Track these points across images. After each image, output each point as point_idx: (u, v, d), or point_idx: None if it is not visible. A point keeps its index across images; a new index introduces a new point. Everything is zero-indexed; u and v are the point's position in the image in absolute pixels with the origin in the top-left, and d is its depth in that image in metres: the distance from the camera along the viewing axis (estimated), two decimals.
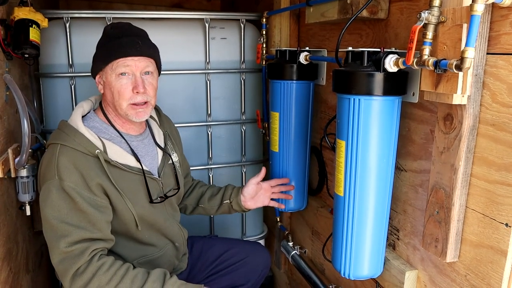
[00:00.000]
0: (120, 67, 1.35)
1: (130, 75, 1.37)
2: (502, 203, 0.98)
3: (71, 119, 1.39)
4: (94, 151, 1.33)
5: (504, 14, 0.94)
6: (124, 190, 1.38)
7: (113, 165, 1.37)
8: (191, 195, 1.80)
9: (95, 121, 1.43)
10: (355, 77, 1.17)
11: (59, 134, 1.36)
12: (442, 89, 1.01)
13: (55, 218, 1.27)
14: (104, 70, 1.38)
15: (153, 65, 1.43)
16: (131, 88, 1.37)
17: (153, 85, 1.42)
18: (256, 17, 2.09)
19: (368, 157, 1.21)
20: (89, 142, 1.34)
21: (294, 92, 1.72)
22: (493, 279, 1.02)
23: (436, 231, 1.13)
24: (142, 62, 1.38)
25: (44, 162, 1.34)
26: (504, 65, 0.94)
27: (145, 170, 1.45)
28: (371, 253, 1.30)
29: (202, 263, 1.76)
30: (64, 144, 1.32)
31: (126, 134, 1.46)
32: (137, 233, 1.44)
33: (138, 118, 1.41)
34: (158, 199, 1.49)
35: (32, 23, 1.53)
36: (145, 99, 1.39)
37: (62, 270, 1.28)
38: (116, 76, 1.36)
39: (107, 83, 1.39)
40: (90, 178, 1.31)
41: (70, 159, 1.30)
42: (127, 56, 1.35)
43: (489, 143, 1.00)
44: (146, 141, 1.53)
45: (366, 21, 1.45)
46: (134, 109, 1.39)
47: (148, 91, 1.39)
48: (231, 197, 1.73)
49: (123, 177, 1.39)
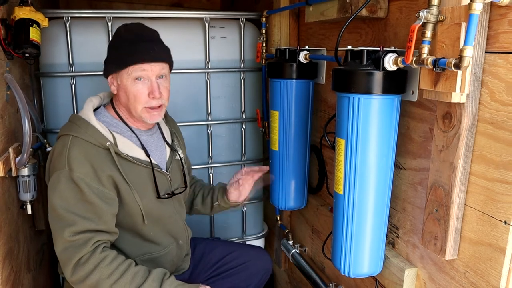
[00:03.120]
0: (137, 71, 1.36)
1: (146, 80, 1.38)
2: (500, 200, 0.98)
3: (83, 112, 1.41)
4: (105, 143, 1.35)
5: (502, 13, 0.94)
6: (133, 183, 1.39)
7: (123, 157, 1.39)
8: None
9: (106, 116, 1.45)
10: (354, 76, 1.18)
11: (71, 126, 1.38)
12: (441, 88, 1.01)
13: (62, 208, 1.29)
14: (119, 73, 1.39)
15: (167, 68, 1.45)
16: (147, 93, 1.38)
17: (167, 88, 1.45)
18: (256, 16, 2.09)
19: (368, 155, 1.22)
20: (100, 135, 1.36)
21: (294, 91, 1.73)
22: (492, 277, 1.02)
23: (435, 229, 1.13)
24: (157, 67, 1.39)
25: (55, 152, 1.36)
26: (503, 64, 0.95)
27: (154, 164, 1.47)
28: (371, 251, 1.31)
29: (204, 265, 1.76)
30: (76, 135, 1.34)
31: (136, 128, 1.48)
32: (142, 228, 1.45)
33: (152, 120, 1.44)
34: (165, 195, 1.50)
35: (33, 22, 1.54)
36: (160, 102, 1.41)
37: (65, 259, 1.29)
38: (132, 80, 1.37)
39: (122, 86, 1.40)
40: (101, 170, 1.32)
41: (81, 150, 1.32)
42: (143, 63, 1.36)
43: (487, 141, 1.01)
44: (155, 136, 1.55)
45: (365, 20, 1.46)
46: (149, 112, 1.41)
47: (163, 95, 1.42)
48: (218, 198, 1.74)
49: (132, 170, 1.41)
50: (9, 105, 1.54)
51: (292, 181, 1.84)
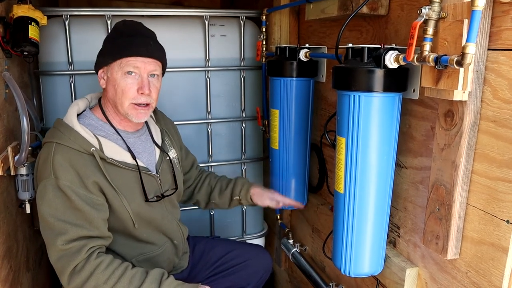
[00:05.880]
0: (129, 66, 1.35)
1: (137, 76, 1.37)
2: (503, 200, 0.97)
3: (66, 117, 1.38)
4: (90, 149, 1.33)
5: (505, 10, 0.93)
6: (120, 187, 1.37)
7: (109, 162, 1.37)
8: (201, 190, 1.80)
9: (91, 118, 1.43)
10: (355, 73, 1.17)
11: (55, 132, 1.36)
12: (443, 85, 1.00)
13: (51, 216, 1.27)
14: (110, 65, 1.37)
15: (160, 69, 1.43)
16: (136, 88, 1.36)
17: (157, 88, 1.43)
18: (256, 14, 2.08)
19: (369, 154, 1.21)
20: (84, 140, 1.34)
21: (294, 89, 1.72)
22: (494, 276, 1.02)
23: (437, 228, 1.12)
24: (151, 65, 1.38)
25: (40, 160, 1.34)
26: (506, 61, 0.94)
27: (143, 166, 1.45)
28: (372, 250, 1.30)
29: (203, 264, 1.75)
30: (59, 142, 1.32)
31: (122, 131, 1.46)
32: (134, 231, 1.44)
33: (138, 119, 1.41)
34: (154, 198, 1.49)
35: (31, 20, 1.53)
36: (148, 100, 1.39)
37: (60, 268, 1.28)
38: (122, 73, 1.35)
39: (112, 79, 1.38)
40: (86, 176, 1.31)
41: (65, 157, 1.30)
42: (138, 56, 1.35)
43: (490, 140, 1.00)
44: (143, 137, 1.52)
45: (366, 18, 1.45)
46: (136, 109, 1.39)
47: (152, 94, 1.40)
48: (241, 194, 1.73)
49: (119, 174, 1.39)
50: (7, 103, 1.53)
51: (292, 180, 1.83)
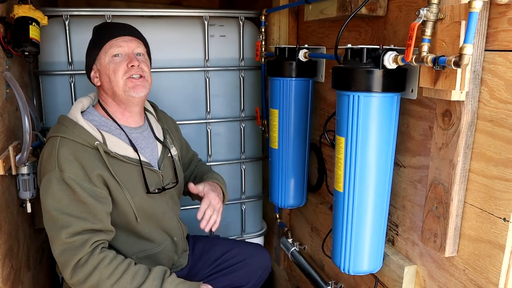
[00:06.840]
0: (113, 48, 1.42)
1: (124, 55, 1.43)
2: (500, 198, 0.99)
3: (70, 113, 1.41)
4: (94, 143, 1.35)
5: (502, 11, 0.95)
6: (123, 181, 1.39)
7: (112, 156, 1.38)
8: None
9: (94, 115, 1.45)
10: (354, 74, 1.18)
11: (59, 127, 1.38)
12: (441, 86, 1.02)
13: (55, 209, 1.28)
14: (98, 57, 1.44)
15: (143, 48, 1.50)
16: (125, 64, 1.41)
17: (147, 65, 1.48)
18: (255, 15, 2.09)
19: (368, 153, 1.22)
20: (88, 134, 1.36)
21: (293, 89, 1.73)
22: (491, 273, 1.03)
23: (435, 226, 1.14)
24: (133, 43, 1.45)
25: (44, 154, 1.35)
26: (502, 62, 0.95)
27: (145, 161, 1.47)
28: (371, 248, 1.31)
29: (203, 262, 1.76)
30: (64, 136, 1.34)
31: (125, 126, 1.48)
32: (136, 226, 1.45)
33: (137, 92, 1.42)
34: (155, 190, 1.50)
35: (32, 21, 1.53)
36: (139, 72, 1.43)
37: (63, 261, 1.29)
38: (110, 57, 1.42)
39: (102, 69, 1.43)
40: (91, 169, 1.32)
41: (70, 150, 1.32)
42: (118, 36, 1.43)
43: (487, 139, 1.01)
44: (145, 133, 1.54)
45: (365, 19, 1.46)
46: (132, 82, 1.42)
47: (142, 66, 1.44)
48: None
49: (122, 168, 1.41)
50: (8, 103, 1.54)
51: (292, 179, 1.84)
